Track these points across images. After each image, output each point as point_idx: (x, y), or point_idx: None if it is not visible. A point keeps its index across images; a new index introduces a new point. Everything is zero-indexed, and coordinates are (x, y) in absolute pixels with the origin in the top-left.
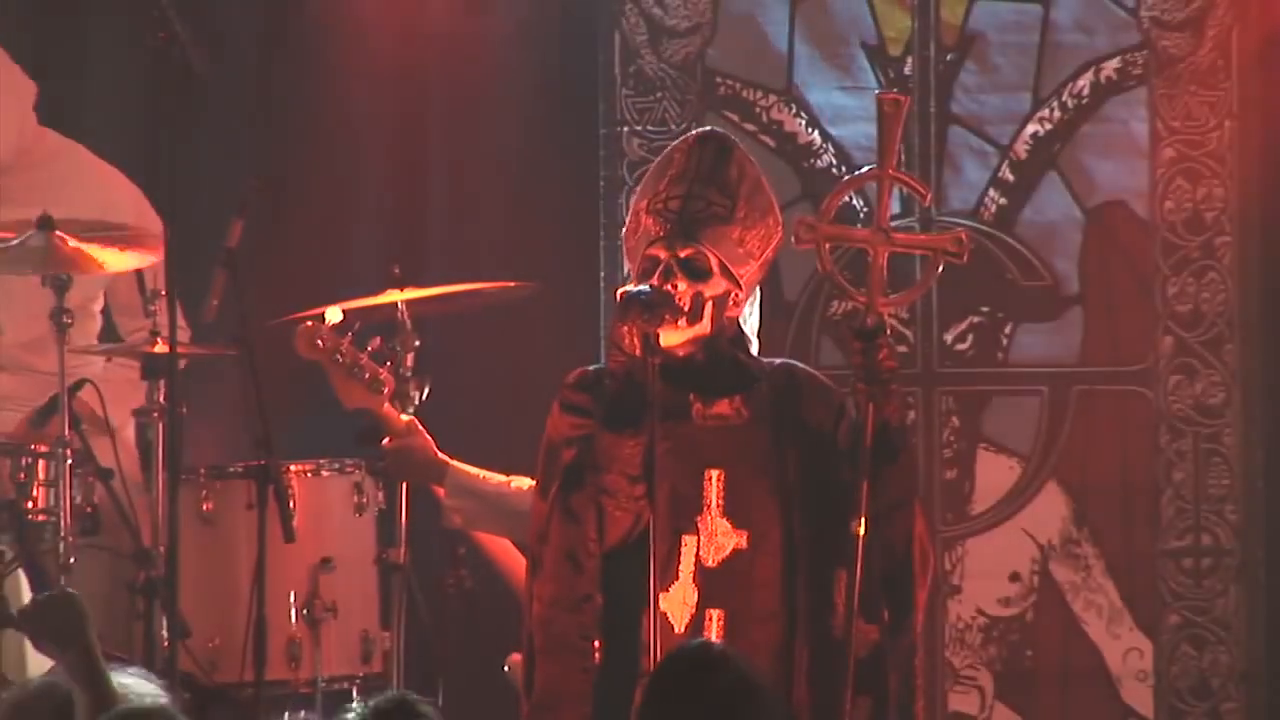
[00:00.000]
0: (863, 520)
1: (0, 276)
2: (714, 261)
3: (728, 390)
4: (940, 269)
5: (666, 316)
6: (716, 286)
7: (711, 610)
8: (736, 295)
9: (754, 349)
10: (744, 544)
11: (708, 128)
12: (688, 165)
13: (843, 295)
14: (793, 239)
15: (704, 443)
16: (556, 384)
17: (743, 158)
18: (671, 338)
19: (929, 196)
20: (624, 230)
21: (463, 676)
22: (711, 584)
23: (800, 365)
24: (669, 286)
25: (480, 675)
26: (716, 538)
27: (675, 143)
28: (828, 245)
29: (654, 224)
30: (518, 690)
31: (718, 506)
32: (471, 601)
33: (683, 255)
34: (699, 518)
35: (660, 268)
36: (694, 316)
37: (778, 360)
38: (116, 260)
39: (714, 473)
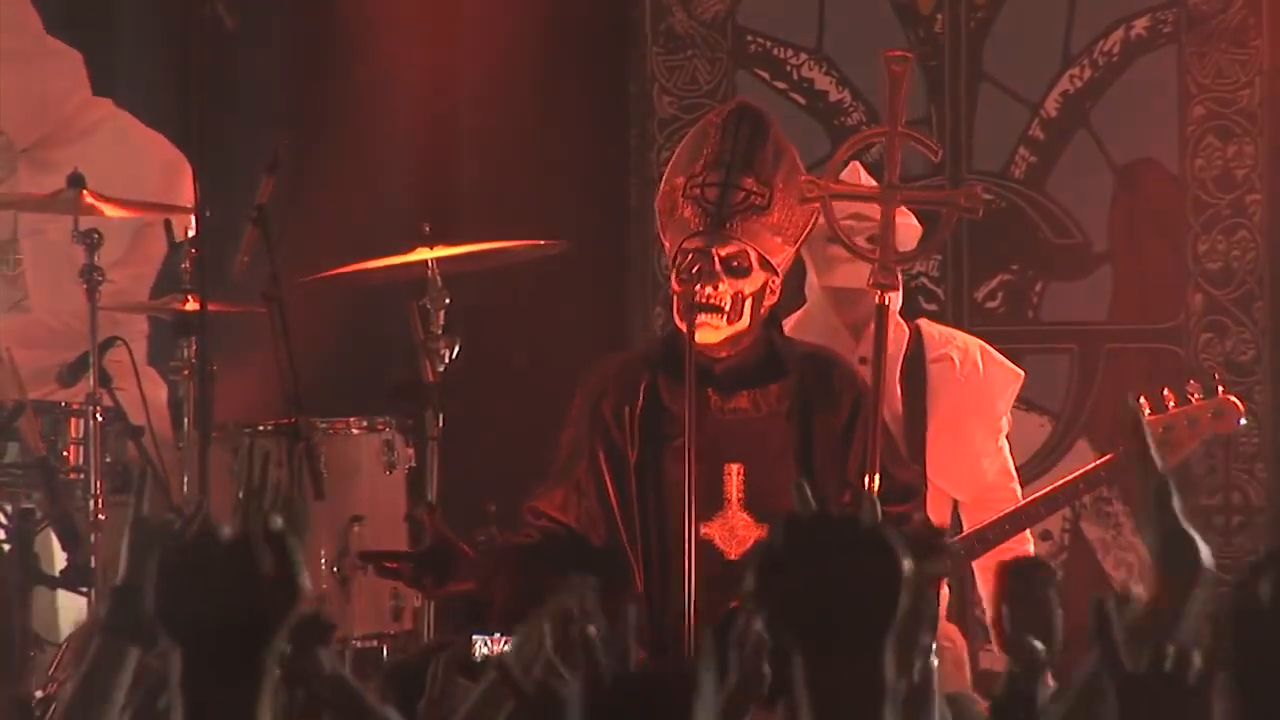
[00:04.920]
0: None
1: (32, 243)
2: (753, 257)
3: (749, 383)
4: (955, 224)
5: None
6: (755, 281)
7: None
8: (774, 283)
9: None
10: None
11: (742, 100)
12: (723, 146)
13: (853, 253)
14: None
15: (722, 437)
16: (585, 341)
17: (778, 135)
18: (710, 336)
19: (940, 153)
20: (657, 199)
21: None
22: (734, 577)
23: (826, 356)
24: (710, 288)
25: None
26: (738, 532)
27: (709, 115)
28: (833, 203)
29: (692, 214)
30: None
31: (738, 501)
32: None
33: (723, 254)
34: (719, 513)
35: (703, 270)
36: (734, 316)
37: (807, 348)
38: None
39: (734, 467)
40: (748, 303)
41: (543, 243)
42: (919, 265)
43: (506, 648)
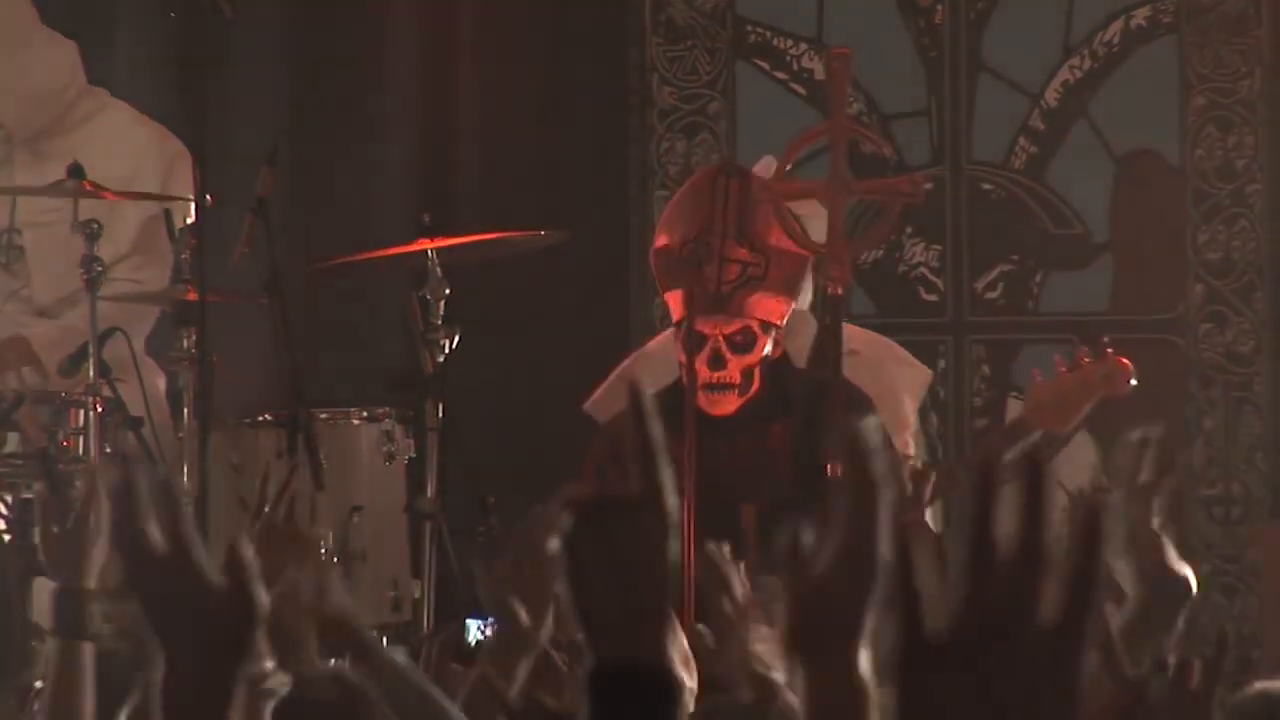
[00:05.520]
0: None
1: (33, 234)
2: (756, 327)
3: (751, 427)
4: (898, 212)
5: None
6: (761, 348)
7: None
8: (779, 336)
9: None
10: None
11: (726, 160)
12: (713, 213)
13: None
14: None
15: (732, 480)
16: (586, 332)
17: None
18: (726, 409)
19: (889, 148)
20: (652, 253)
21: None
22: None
23: (825, 378)
24: (720, 372)
25: None
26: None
27: (695, 178)
28: (787, 203)
29: (691, 293)
30: None
31: (755, 540)
32: (501, 550)
33: (727, 333)
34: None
35: (708, 353)
36: (745, 387)
37: (808, 374)
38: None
39: (747, 507)
40: (756, 369)
41: (543, 233)
42: (918, 255)
43: None
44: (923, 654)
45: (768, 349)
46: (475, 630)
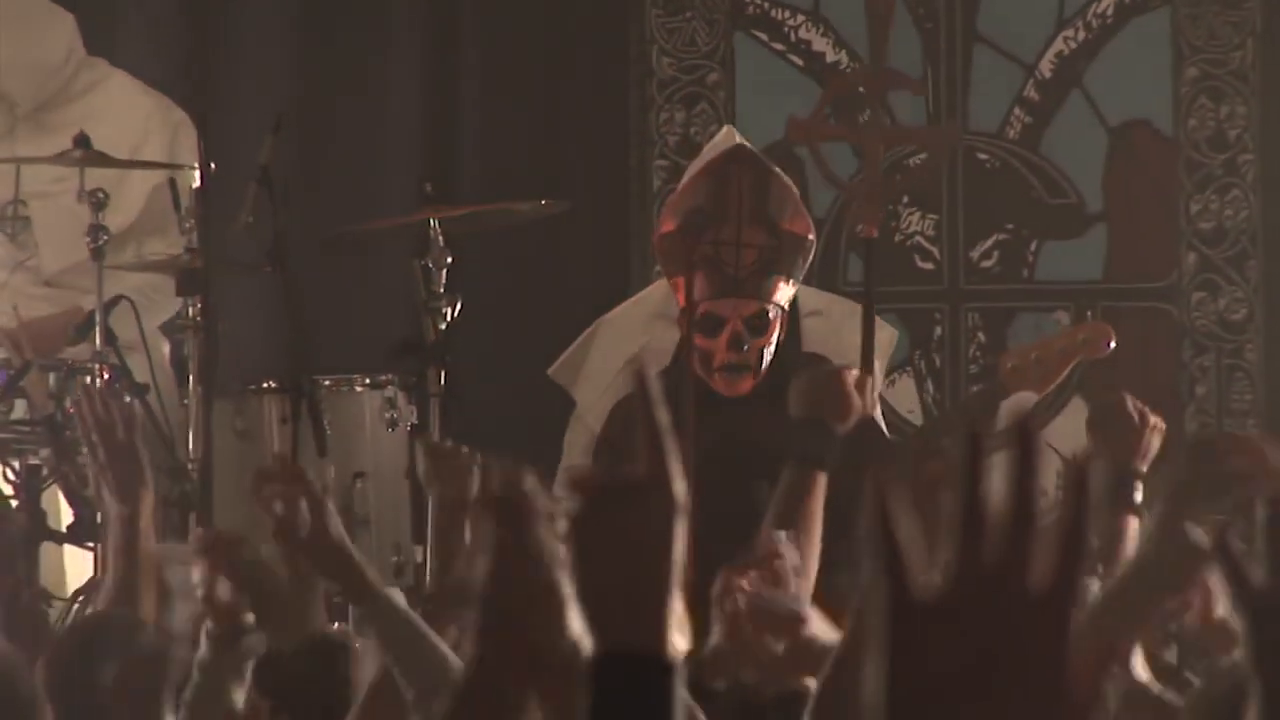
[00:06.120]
0: None
1: (39, 204)
2: (772, 308)
3: (767, 399)
4: (943, 160)
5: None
6: (775, 327)
7: None
8: (785, 318)
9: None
10: None
11: (736, 145)
12: (729, 197)
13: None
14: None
15: (744, 457)
16: (586, 299)
17: (778, 178)
18: (743, 389)
19: (924, 92)
20: (657, 236)
21: None
22: None
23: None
24: (736, 353)
25: None
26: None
27: (706, 163)
28: (819, 143)
29: (709, 275)
30: None
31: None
32: None
33: (745, 315)
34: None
35: (728, 335)
36: (759, 367)
37: (807, 357)
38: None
39: (761, 484)
40: (768, 350)
41: (544, 202)
42: (914, 225)
43: None
44: (912, 615)
45: (779, 331)
46: None
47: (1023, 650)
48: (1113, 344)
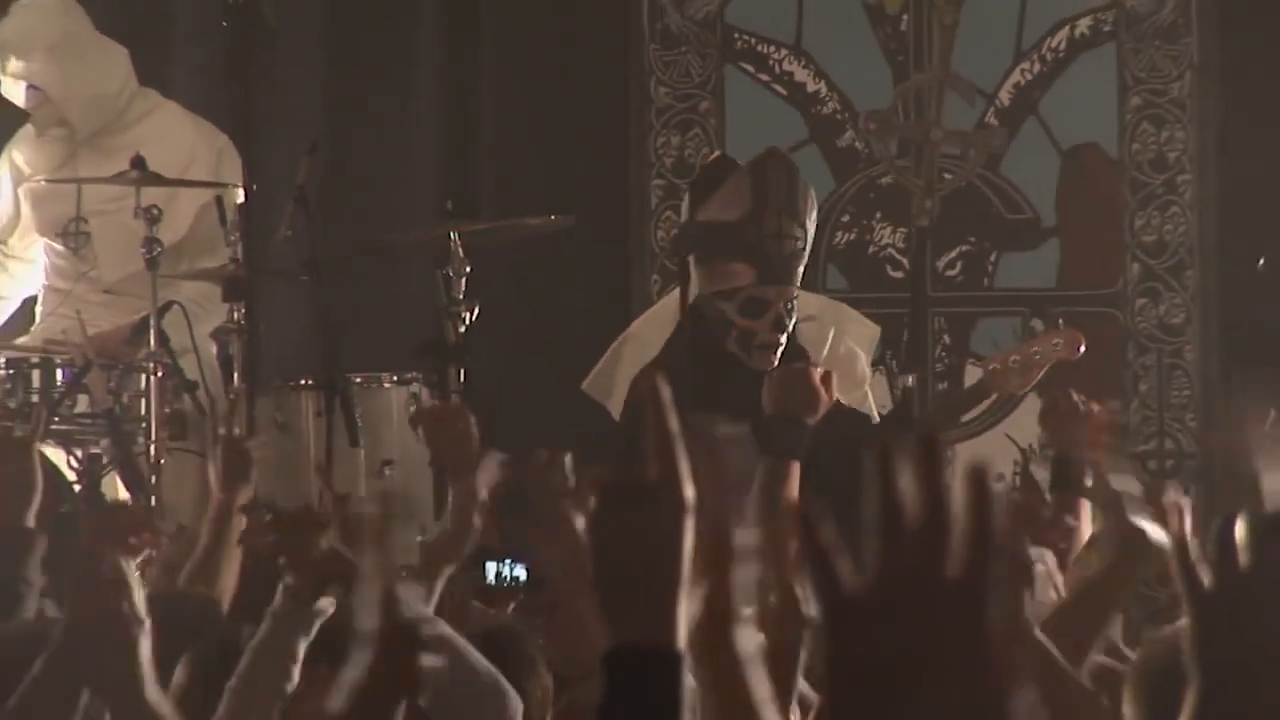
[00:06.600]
0: None
1: (98, 221)
2: (797, 293)
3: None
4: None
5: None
6: (796, 310)
7: None
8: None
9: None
10: None
11: (771, 148)
12: (770, 193)
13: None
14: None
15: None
16: (590, 305)
17: (804, 179)
18: (771, 363)
19: (973, 96)
20: (705, 224)
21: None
22: None
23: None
24: (779, 335)
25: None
26: None
27: (748, 164)
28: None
29: (753, 263)
30: None
31: None
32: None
33: (785, 300)
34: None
35: (773, 318)
36: (780, 350)
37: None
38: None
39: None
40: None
41: (553, 217)
42: (886, 237)
43: (518, 571)
44: (845, 611)
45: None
46: (492, 572)
47: (945, 636)
48: (1083, 348)
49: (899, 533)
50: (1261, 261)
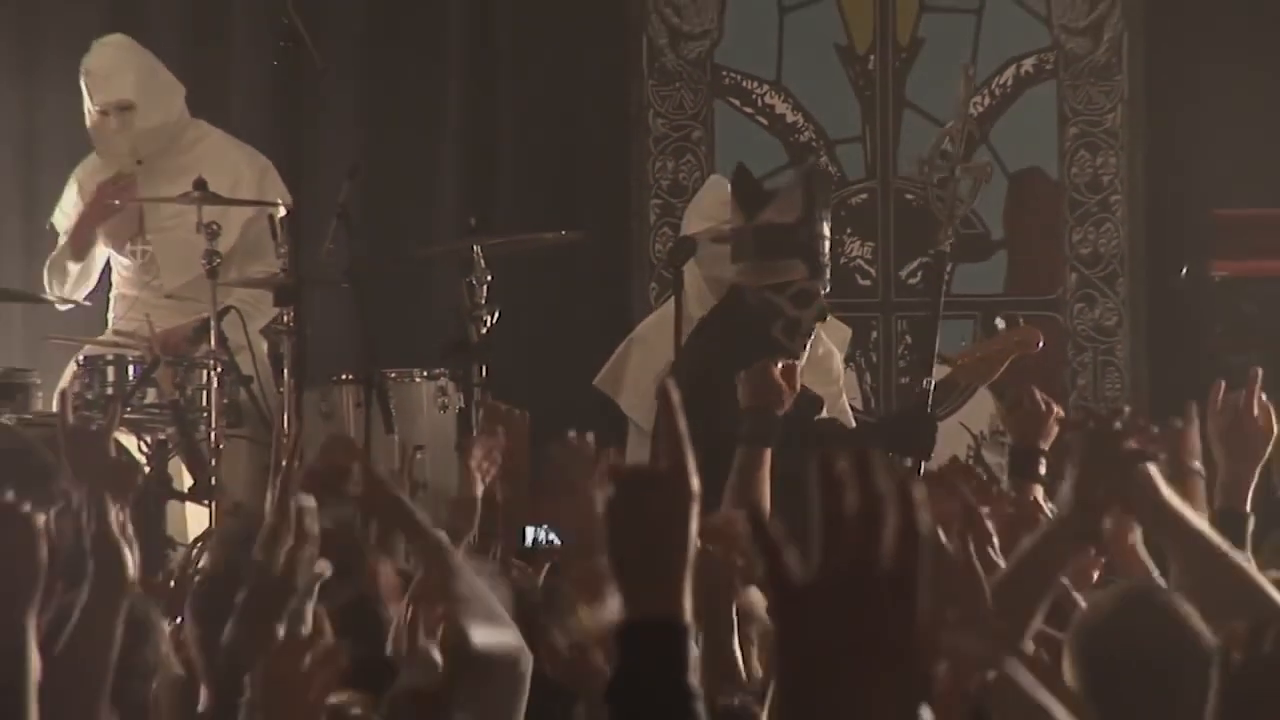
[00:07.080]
0: None
1: (158, 237)
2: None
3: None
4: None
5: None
6: None
7: None
8: None
9: None
10: None
11: (799, 160)
12: (816, 198)
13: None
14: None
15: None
16: (595, 308)
17: None
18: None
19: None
20: (756, 226)
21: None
22: None
23: None
24: (822, 321)
25: None
26: None
27: (799, 174)
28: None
29: (805, 260)
30: None
31: None
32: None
33: (824, 292)
34: None
35: (818, 308)
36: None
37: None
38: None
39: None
40: None
41: (563, 233)
42: (855, 250)
43: (552, 536)
44: (792, 599)
45: None
46: (530, 536)
47: (881, 621)
48: (1041, 343)
49: (839, 529)
50: (1184, 270)
